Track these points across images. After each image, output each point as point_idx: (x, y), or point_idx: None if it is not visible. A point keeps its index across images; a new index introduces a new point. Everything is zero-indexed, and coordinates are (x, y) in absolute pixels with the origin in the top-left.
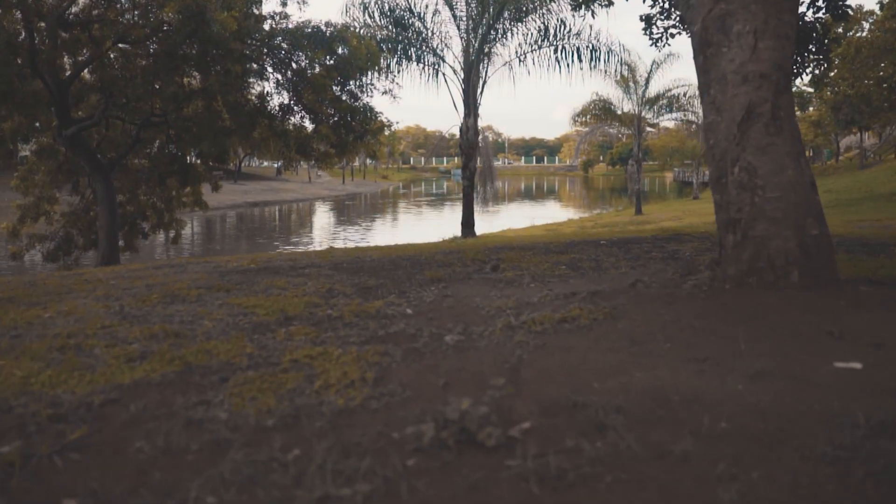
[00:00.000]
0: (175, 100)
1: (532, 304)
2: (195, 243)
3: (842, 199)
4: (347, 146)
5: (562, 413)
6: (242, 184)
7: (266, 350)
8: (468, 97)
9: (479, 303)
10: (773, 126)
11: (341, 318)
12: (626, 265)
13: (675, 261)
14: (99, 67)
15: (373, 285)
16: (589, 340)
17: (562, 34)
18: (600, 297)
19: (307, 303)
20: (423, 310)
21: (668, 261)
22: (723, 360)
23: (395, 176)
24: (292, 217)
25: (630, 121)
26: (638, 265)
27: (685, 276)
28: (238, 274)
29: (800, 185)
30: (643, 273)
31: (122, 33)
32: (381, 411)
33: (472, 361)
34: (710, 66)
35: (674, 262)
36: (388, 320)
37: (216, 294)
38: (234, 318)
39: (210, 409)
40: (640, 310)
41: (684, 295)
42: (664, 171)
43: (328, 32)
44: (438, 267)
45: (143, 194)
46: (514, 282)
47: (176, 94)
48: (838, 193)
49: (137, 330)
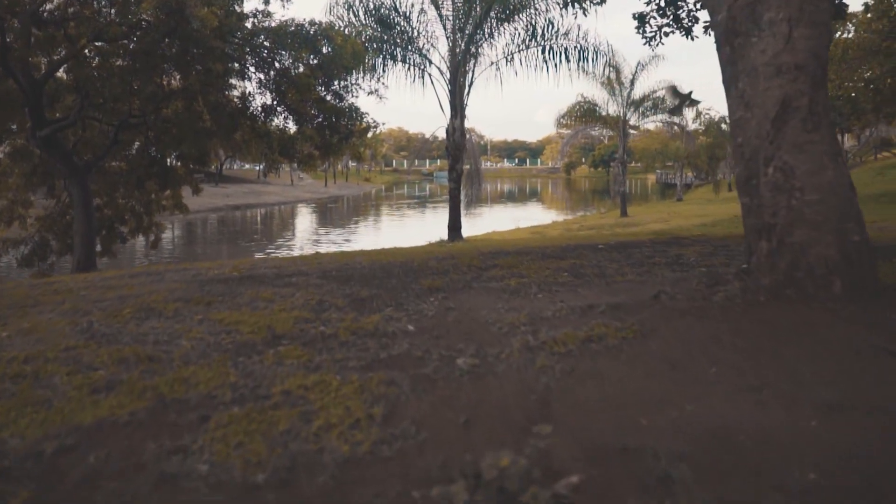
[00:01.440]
0: (154, 100)
1: (547, 320)
2: (176, 247)
3: None
4: (332, 148)
5: (613, 461)
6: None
7: (253, 378)
8: (455, 98)
9: (488, 317)
10: (811, 122)
11: (336, 337)
12: (630, 272)
13: (680, 266)
14: (75, 66)
15: (366, 296)
16: (621, 363)
17: (550, 34)
18: (623, 311)
19: (296, 318)
20: (427, 325)
21: (674, 266)
22: (782, 388)
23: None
24: (275, 221)
25: (615, 123)
26: (643, 272)
27: (712, 286)
28: (219, 283)
29: (840, 187)
30: (649, 279)
31: (98, 31)
32: (394, 460)
33: (493, 391)
34: (738, 58)
35: (679, 267)
36: (389, 339)
37: (195, 307)
38: (216, 336)
39: (187, 459)
40: (670, 326)
41: (716, 308)
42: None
43: (312, 31)
44: (434, 274)
45: (122, 197)
46: (520, 291)
47: (154, 94)
48: None
49: (105, 353)
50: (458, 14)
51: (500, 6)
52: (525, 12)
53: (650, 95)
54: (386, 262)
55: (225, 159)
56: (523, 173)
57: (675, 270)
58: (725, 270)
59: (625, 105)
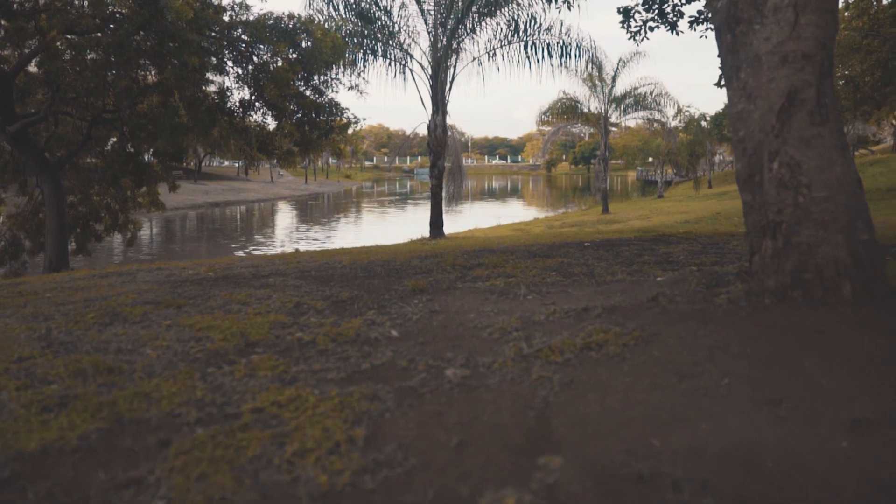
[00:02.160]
0: (128, 95)
1: (540, 324)
2: (154, 245)
3: None
4: (312, 144)
5: (628, 494)
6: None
7: (221, 393)
8: (436, 94)
9: (476, 320)
10: (819, 114)
11: (314, 344)
12: (620, 271)
13: (670, 264)
14: (46, 60)
15: (347, 298)
16: (625, 374)
17: (532, 29)
18: (620, 315)
19: (272, 322)
20: (411, 330)
21: (663, 265)
22: (803, 403)
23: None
24: (254, 218)
25: (596, 120)
26: (633, 270)
27: (712, 287)
28: (193, 285)
29: (848, 183)
30: (640, 278)
31: (70, 23)
32: (379, 493)
33: (486, 407)
34: (740, 47)
35: (669, 265)
36: (372, 346)
37: (165, 311)
38: (184, 344)
39: (141, 494)
40: (673, 332)
41: (720, 312)
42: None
43: (291, 24)
44: (417, 274)
45: (97, 194)
46: (508, 293)
47: (129, 89)
48: None
49: (62, 363)
50: (439, 8)
51: (482, 1)
52: (507, 7)
53: (632, 92)
54: (367, 262)
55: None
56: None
57: (666, 269)
58: (725, 270)
59: (606, 102)
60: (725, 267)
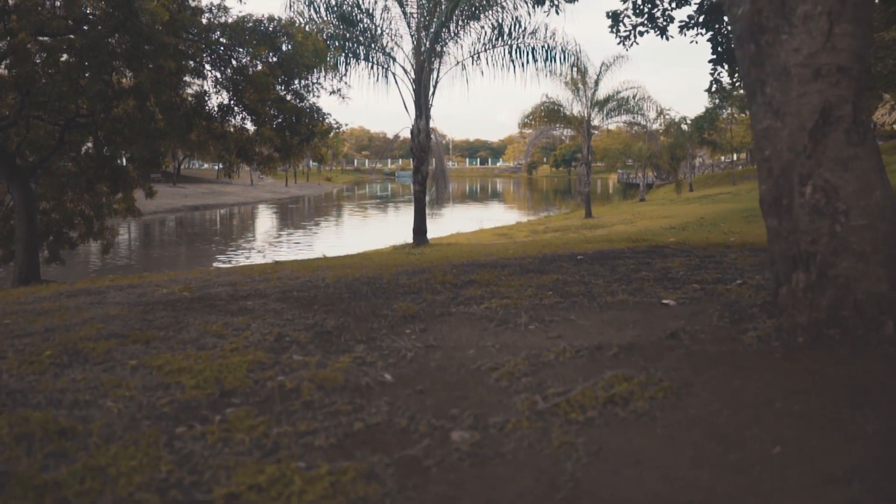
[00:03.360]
0: (102, 99)
1: (550, 366)
2: (132, 250)
3: None
4: (293, 150)
5: None
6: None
7: (190, 467)
8: (419, 98)
9: (478, 359)
10: (856, 133)
11: (298, 394)
12: (620, 290)
13: (670, 282)
14: (16, 63)
15: (332, 327)
16: (660, 440)
17: (517, 33)
18: (639, 355)
19: (251, 362)
20: (407, 374)
21: (664, 282)
22: (874, 480)
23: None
24: (234, 222)
25: (579, 123)
26: (634, 289)
27: (736, 321)
28: (165, 309)
29: (888, 209)
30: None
31: (41, 24)
32: None
33: (505, 487)
34: (766, 58)
35: (669, 283)
36: (364, 397)
37: (132, 348)
38: (151, 393)
39: None
40: (706, 381)
41: (751, 354)
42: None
43: (271, 27)
44: (406, 294)
45: (70, 201)
46: (508, 321)
47: (102, 93)
48: None
49: (6, 423)
50: (422, 11)
51: (466, 4)
52: (492, 10)
53: (615, 96)
54: (352, 279)
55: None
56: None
57: (668, 288)
58: (746, 302)
59: (589, 105)
60: (729, 285)
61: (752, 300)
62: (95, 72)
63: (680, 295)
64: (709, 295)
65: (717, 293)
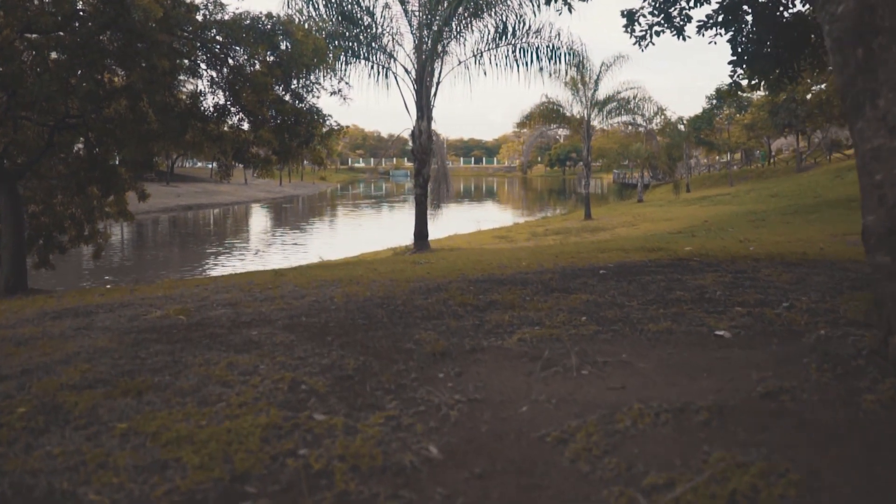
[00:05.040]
0: (92, 99)
1: (631, 437)
2: (125, 251)
3: (798, 206)
4: (291, 152)
5: None
6: (175, 186)
7: None
8: (421, 99)
9: (534, 421)
10: None
11: (329, 478)
12: (659, 315)
13: (709, 303)
14: (2, 61)
15: (353, 370)
16: None
17: (521, 32)
18: (736, 424)
19: (265, 427)
20: (455, 444)
21: (703, 304)
22: None
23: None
24: (229, 222)
25: (578, 124)
26: (674, 314)
27: (840, 377)
28: (160, 341)
29: None
30: (688, 328)
31: (28, 21)
32: None
33: None
34: (878, 65)
35: (709, 305)
36: (410, 485)
37: (120, 402)
38: (144, 480)
39: None
40: (835, 466)
41: (880, 426)
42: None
43: (269, 25)
44: (426, 320)
45: (60, 204)
46: (554, 362)
47: (93, 93)
48: (789, 199)
49: None
50: (424, 9)
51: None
52: (496, 8)
53: (615, 96)
54: (364, 300)
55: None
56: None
57: (711, 313)
58: (838, 345)
59: (589, 106)
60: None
61: (843, 343)
62: (86, 70)
63: (728, 323)
64: (758, 321)
65: (766, 318)
